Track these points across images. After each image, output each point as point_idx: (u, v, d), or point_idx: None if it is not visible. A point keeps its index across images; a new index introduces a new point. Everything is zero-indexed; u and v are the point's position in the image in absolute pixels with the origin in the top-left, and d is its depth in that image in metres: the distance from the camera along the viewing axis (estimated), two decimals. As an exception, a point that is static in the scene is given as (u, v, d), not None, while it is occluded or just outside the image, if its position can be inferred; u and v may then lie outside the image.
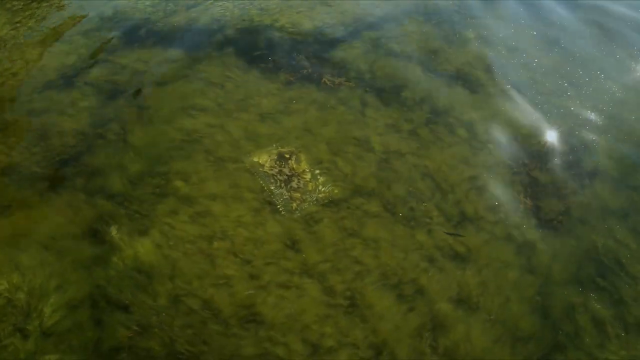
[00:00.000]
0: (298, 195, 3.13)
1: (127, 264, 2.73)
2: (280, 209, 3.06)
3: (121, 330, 2.50)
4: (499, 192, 3.33)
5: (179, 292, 2.65)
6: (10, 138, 3.47)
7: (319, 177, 3.24)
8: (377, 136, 3.61)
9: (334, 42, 4.59)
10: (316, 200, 3.12)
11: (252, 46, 4.46)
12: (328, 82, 4.03)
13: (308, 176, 3.23)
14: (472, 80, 4.26)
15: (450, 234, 3.02)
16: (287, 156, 3.34)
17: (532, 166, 3.49)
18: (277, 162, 3.30)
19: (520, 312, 2.75)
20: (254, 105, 3.78)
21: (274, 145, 3.44)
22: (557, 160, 3.60)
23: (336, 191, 3.17)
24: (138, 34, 4.58)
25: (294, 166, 3.29)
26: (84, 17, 4.82)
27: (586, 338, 2.68)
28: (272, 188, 3.15)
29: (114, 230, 2.87)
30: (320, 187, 3.18)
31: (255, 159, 3.31)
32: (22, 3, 5.00)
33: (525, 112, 3.96)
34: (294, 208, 3.07)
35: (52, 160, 3.31)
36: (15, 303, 2.56)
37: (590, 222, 3.21)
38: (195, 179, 3.19)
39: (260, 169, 3.25)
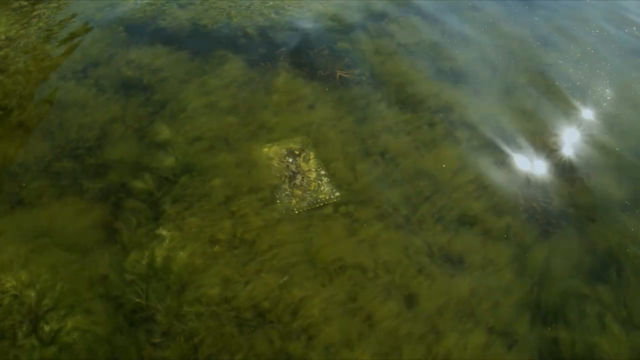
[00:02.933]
0: (299, 192, 3.15)
1: (142, 264, 2.79)
2: (279, 205, 3.08)
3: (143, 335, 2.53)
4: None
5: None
6: (26, 134, 3.57)
7: (323, 177, 3.28)
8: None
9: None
10: (316, 200, 3.14)
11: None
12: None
13: (313, 175, 3.26)
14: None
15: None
16: (297, 153, 3.39)
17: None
18: (286, 158, 3.36)
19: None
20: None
21: (284, 141, 3.51)
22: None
23: (337, 194, 3.19)
24: (146, 31, 4.66)
25: (302, 164, 3.33)
26: (93, 14, 4.92)
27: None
28: (276, 183, 3.18)
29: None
30: (322, 188, 3.20)
31: (265, 151, 3.38)
32: (29, 3, 5.09)
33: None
34: (292, 205, 3.09)
35: (68, 157, 3.38)
36: (23, 300, 2.60)
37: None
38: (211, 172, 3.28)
39: (269, 162, 3.31)
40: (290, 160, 3.34)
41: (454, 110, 3.94)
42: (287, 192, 3.15)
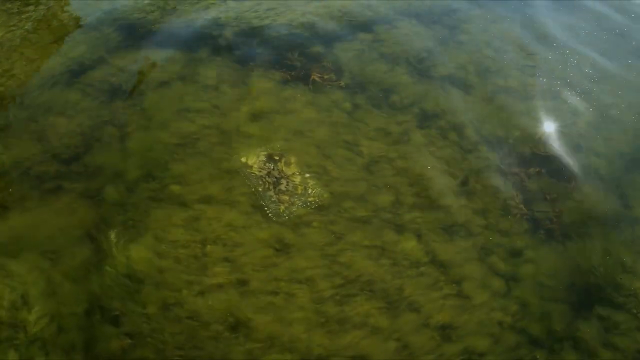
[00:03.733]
0: (286, 198, 3.14)
1: (119, 271, 2.80)
2: (268, 212, 3.07)
3: (113, 341, 2.55)
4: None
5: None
6: (8, 139, 3.56)
7: (308, 180, 3.24)
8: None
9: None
10: (304, 203, 3.13)
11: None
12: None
13: (297, 179, 3.24)
14: None
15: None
16: (277, 158, 3.33)
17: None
18: (267, 164, 3.29)
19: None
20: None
21: (264, 147, 3.43)
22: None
23: (325, 195, 3.18)
24: (136, 34, 4.59)
25: (283, 168, 3.28)
26: (83, 17, 4.85)
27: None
28: (260, 190, 3.16)
29: (112, 235, 2.92)
30: (309, 190, 3.19)
31: (244, 160, 3.31)
32: (17, 6, 5.03)
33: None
34: (281, 211, 3.08)
35: (50, 161, 3.38)
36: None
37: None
38: (189, 180, 3.23)
39: (249, 171, 3.25)
40: (271, 166, 3.31)
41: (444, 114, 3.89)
42: (273, 199, 3.14)
